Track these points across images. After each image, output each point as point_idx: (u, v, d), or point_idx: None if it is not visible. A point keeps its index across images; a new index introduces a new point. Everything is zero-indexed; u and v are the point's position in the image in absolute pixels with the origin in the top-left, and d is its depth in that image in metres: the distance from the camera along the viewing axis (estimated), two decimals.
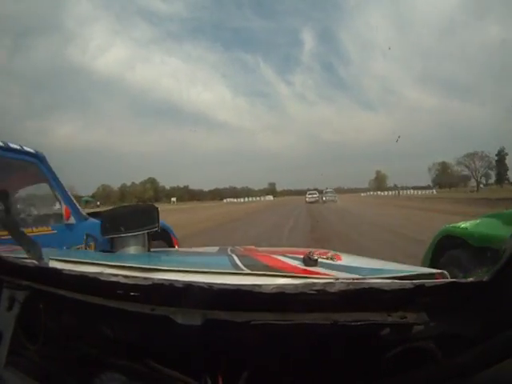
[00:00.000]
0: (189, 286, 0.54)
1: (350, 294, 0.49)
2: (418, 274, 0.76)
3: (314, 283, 0.53)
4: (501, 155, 49.65)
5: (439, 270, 0.81)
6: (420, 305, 0.47)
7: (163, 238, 3.94)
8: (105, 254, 1.41)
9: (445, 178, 57.37)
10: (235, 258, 1.02)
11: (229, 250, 1.39)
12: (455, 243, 1.98)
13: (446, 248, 2.05)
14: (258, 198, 50.52)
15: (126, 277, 0.61)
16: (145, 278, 0.60)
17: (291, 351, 0.54)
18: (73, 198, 2.50)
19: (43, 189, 2.36)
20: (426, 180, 60.04)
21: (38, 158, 2.27)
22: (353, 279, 0.64)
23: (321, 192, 31.20)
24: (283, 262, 1.00)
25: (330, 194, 28.79)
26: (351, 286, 0.50)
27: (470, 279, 0.46)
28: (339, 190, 44.25)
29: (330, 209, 19.11)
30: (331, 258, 1.00)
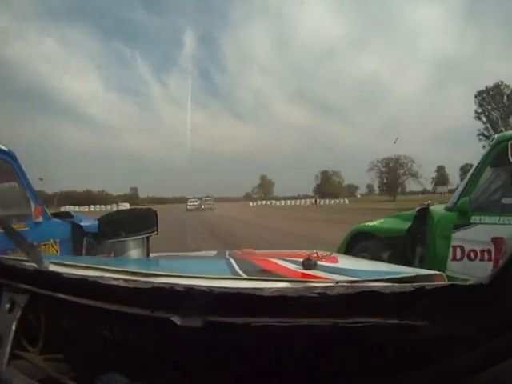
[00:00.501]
0: (189, 290, 0.54)
1: (350, 297, 0.49)
2: (416, 276, 0.77)
3: (315, 286, 0.53)
4: (389, 167, 47.80)
5: (437, 272, 0.81)
6: (420, 307, 0.47)
7: None
8: (104, 259, 1.41)
9: (328, 187, 54.39)
10: (233, 262, 1.02)
11: (227, 253, 1.39)
12: (365, 237, 2.74)
13: (357, 240, 2.78)
14: (109, 207, 39.25)
15: (126, 281, 0.61)
16: (145, 282, 0.60)
17: (292, 354, 0.54)
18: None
19: (14, 187, 2.39)
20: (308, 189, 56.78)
21: (11, 157, 2.29)
22: (353, 282, 0.64)
23: (200, 199, 34.01)
24: (282, 266, 1.00)
25: (208, 202, 32.07)
26: (351, 290, 0.50)
27: (470, 282, 0.46)
28: (219, 199, 39.64)
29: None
30: (329, 261, 1.00)
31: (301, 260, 0.89)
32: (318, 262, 0.88)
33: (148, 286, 0.58)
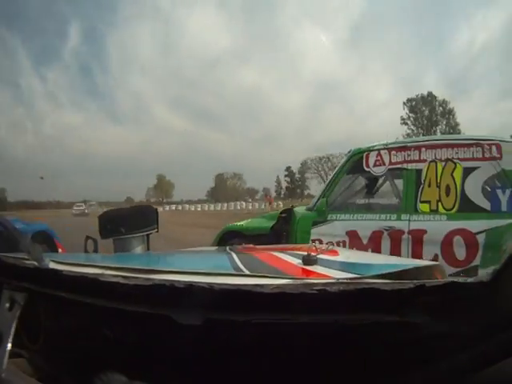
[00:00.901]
0: (190, 287, 0.54)
1: (350, 294, 0.49)
2: (415, 268, 0.77)
3: (315, 283, 0.53)
4: (289, 170, 46.39)
5: (435, 262, 0.82)
6: (420, 305, 0.47)
7: (45, 241, 3.96)
8: (105, 256, 1.41)
9: (223, 190, 49.02)
10: (235, 257, 1.02)
11: (227, 248, 1.39)
12: (233, 235, 3.01)
13: (227, 239, 2.97)
14: None
15: (126, 277, 0.61)
16: (146, 279, 0.60)
17: (292, 351, 0.54)
18: None
19: None
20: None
21: None
22: (353, 279, 0.64)
23: (85, 204, 33.54)
24: (283, 261, 1.00)
25: (93, 207, 32.42)
26: (351, 286, 0.50)
27: (470, 279, 0.46)
28: (101, 204, 33.20)
29: None
30: (329, 254, 1.00)
31: (302, 253, 0.90)
32: (319, 257, 0.88)
33: (148, 283, 0.58)
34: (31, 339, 0.73)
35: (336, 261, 0.97)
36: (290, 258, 0.97)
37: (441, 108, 33.16)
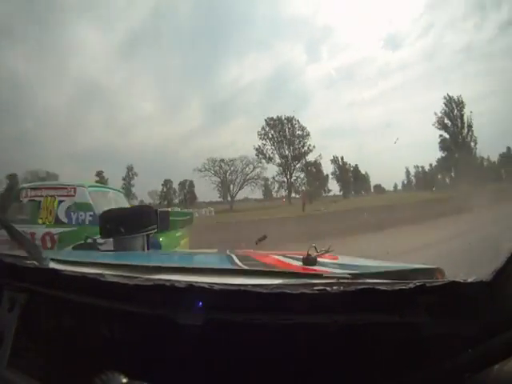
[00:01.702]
0: (190, 287, 0.54)
1: (350, 294, 0.49)
2: (416, 269, 0.76)
3: (315, 283, 0.53)
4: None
5: (436, 266, 0.81)
6: (420, 305, 0.47)
7: None
8: (105, 255, 1.41)
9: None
10: (234, 258, 1.02)
11: (227, 251, 1.39)
12: None
13: None
14: None
15: (126, 277, 0.61)
16: (146, 279, 0.60)
17: (292, 351, 0.54)
18: None
19: None
20: None
21: None
22: (353, 279, 0.64)
23: None
24: (283, 262, 1.00)
25: None
26: (352, 286, 0.50)
27: (470, 279, 0.46)
28: None
29: None
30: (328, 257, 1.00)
31: (301, 256, 0.89)
32: (319, 259, 0.88)
33: (149, 283, 0.58)
34: (32, 339, 0.73)
35: (336, 263, 0.97)
36: (290, 260, 0.97)
37: (299, 131, 38.05)
